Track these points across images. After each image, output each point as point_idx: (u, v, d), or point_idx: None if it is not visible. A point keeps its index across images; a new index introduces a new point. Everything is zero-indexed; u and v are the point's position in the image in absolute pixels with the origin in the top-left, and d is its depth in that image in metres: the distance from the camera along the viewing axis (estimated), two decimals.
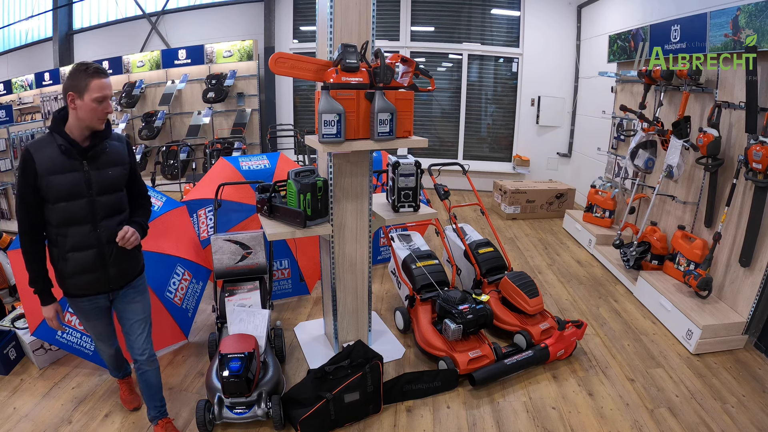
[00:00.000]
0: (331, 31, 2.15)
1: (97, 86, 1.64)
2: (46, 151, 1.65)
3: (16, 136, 4.61)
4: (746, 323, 2.84)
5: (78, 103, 1.64)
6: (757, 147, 2.63)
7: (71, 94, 1.63)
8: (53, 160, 1.65)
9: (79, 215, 1.71)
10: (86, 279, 1.80)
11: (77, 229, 1.72)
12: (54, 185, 1.65)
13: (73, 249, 1.74)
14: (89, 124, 1.68)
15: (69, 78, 1.64)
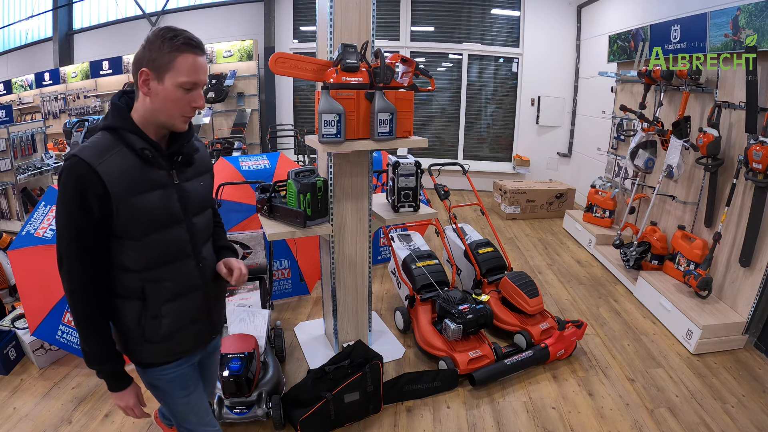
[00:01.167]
0: (331, 31, 2.15)
1: (186, 65, 1.11)
2: (115, 161, 1.11)
3: (16, 136, 4.61)
4: (746, 323, 2.84)
5: (154, 87, 1.12)
6: (757, 147, 2.63)
7: (145, 71, 1.11)
8: (132, 173, 1.13)
9: (178, 248, 1.25)
10: (189, 335, 1.33)
11: (178, 268, 1.25)
12: (141, 210, 1.14)
13: (173, 297, 1.25)
14: (167, 121, 1.17)
15: (146, 47, 1.10)
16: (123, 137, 1.14)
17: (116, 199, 1.11)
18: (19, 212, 4.69)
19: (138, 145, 1.14)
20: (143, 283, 1.21)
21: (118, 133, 1.14)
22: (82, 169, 1.08)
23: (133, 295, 1.21)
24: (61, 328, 2.38)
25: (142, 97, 1.15)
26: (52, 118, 8.09)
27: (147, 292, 1.21)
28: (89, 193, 1.09)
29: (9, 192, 4.68)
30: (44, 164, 4.95)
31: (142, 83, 1.12)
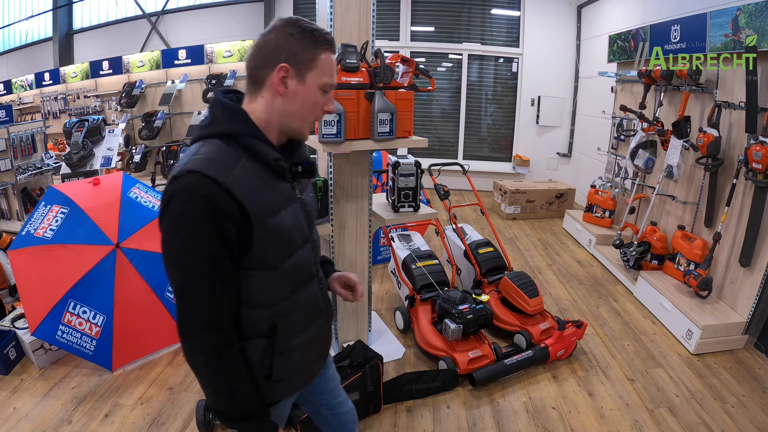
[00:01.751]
0: (331, 31, 2.15)
1: (329, 64, 0.99)
2: (246, 176, 0.91)
3: (16, 136, 4.61)
4: (746, 323, 2.84)
5: (292, 87, 0.95)
6: (757, 147, 2.63)
7: (286, 67, 0.94)
8: (265, 190, 0.94)
9: (306, 271, 1.08)
10: (314, 365, 1.19)
11: (304, 294, 1.07)
12: (280, 233, 0.97)
13: (302, 330, 1.07)
14: (298, 126, 1.00)
15: (284, 38, 0.96)
16: (247, 146, 0.93)
17: (256, 223, 0.91)
18: (19, 212, 4.68)
19: (270, 156, 0.94)
20: (274, 319, 1.00)
21: (237, 141, 0.93)
22: (211, 189, 0.86)
23: (260, 334, 1.00)
24: (61, 328, 2.38)
25: (271, 97, 0.95)
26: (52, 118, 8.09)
27: (278, 328, 1.01)
28: (225, 218, 0.88)
29: (9, 192, 4.68)
30: (44, 164, 4.94)
31: (279, 81, 0.94)
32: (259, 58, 0.95)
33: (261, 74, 0.95)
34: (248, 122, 0.95)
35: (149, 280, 2.64)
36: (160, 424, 2.17)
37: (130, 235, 2.66)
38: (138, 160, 6.91)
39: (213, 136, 0.94)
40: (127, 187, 2.91)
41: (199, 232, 0.88)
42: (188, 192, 0.87)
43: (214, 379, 0.95)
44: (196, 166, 0.88)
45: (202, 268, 0.90)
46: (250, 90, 0.98)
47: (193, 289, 0.91)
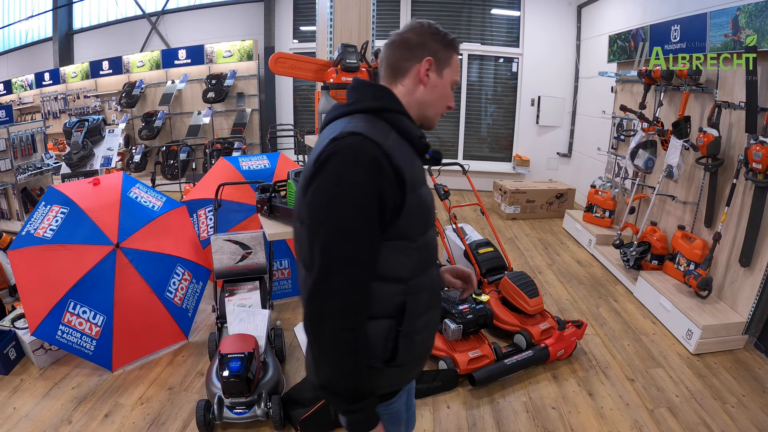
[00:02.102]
0: (331, 31, 2.15)
1: (457, 64, 1.10)
2: (396, 146, 0.95)
3: (16, 136, 4.61)
4: (746, 323, 2.84)
5: (433, 79, 1.05)
6: (757, 147, 2.63)
7: (431, 60, 1.04)
8: (412, 162, 0.99)
9: (434, 251, 1.10)
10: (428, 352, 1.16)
11: (432, 274, 1.08)
12: (423, 205, 1.00)
13: (426, 310, 1.06)
14: (432, 116, 1.09)
15: (427, 36, 1.07)
16: (394, 121, 0.99)
17: (409, 190, 0.93)
18: (19, 212, 4.68)
19: (416, 133, 1.01)
20: (405, 296, 0.99)
21: (385, 118, 0.98)
22: (375, 151, 0.89)
23: (387, 312, 0.99)
24: (61, 328, 2.38)
25: (413, 85, 1.04)
26: (52, 118, 8.09)
27: (407, 306, 0.99)
28: (384, 181, 0.89)
29: (9, 192, 4.68)
30: (44, 164, 4.94)
31: (424, 72, 1.04)
32: (403, 51, 1.05)
33: (405, 65, 1.05)
34: (397, 100, 1.03)
35: (149, 280, 2.64)
36: (160, 424, 2.17)
37: (130, 235, 2.66)
38: (138, 160, 6.91)
39: (360, 112, 0.99)
40: (127, 187, 2.91)
41: (360, 191, 0.88)
42: (353, 151, 0.89)
43: (338, 349, 0.91)
44: (357, 129, 0.92)
45: (355, 227, 0.89)
46: (389, 79, 1.07)
47: (341, 246, 0.89)
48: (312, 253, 0.92)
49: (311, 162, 0.94)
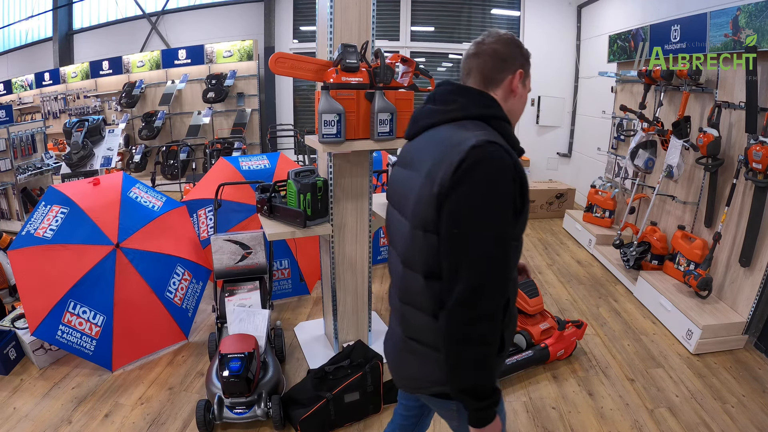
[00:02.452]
0: (331, 31, 2.15)
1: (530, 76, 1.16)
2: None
3: (16, 136, 4.61)
4: (746, 323, 2.84)
5: (521, 89, 1.11)
6: (757, 147, 2.63)
7: (521, 72, 1.10)
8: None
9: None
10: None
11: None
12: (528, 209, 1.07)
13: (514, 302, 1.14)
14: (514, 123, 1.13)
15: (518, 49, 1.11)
16: (502, 130, 1.03)
17: (527, 196, 1.01)
18: (19, 212, 4.69)
19: (518, 141, 1.05)
20: (509, 291, 1.04)
21: (493, 125, 1.02)
22: (509, 159, 0.94)
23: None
24: (61, 328, 2.38)
25: (505, 95, 1.09)
26: (52, 118, 8.09)
27: (510, 299, 1.06)
28: (516, 187, 0.95)
29: (9, 192, 4.68)
30: (44, 164, 4.95)
31: (516, 83, 1.09)
32: (497, 62, 1.07)
33: (499, 76, 1.08)
34: (501, 109, 1.06)
35: (149, 280, 2.64)
36: (160, 424, 2.17)
37: (130, 235, 2.66)
38: (138, 160, 6.92)
39: (470, 118, 1.03)
40: (127, 187, 2.92)
41: (506, 198, 0.93)
42: (497, 159, 0.93)
43: (487, 350, 0.95)
44: (491, 138, 0.95)
45: (505, 232, 0.95)
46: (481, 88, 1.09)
47: (496, 253, 0.93)
48: (456, 259, 0.94)
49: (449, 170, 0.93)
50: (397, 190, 1.13)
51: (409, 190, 1.04)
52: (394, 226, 1.14)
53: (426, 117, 1.08)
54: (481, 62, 1.08)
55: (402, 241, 1.08)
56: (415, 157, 1.06)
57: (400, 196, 1.10)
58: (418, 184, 1.00)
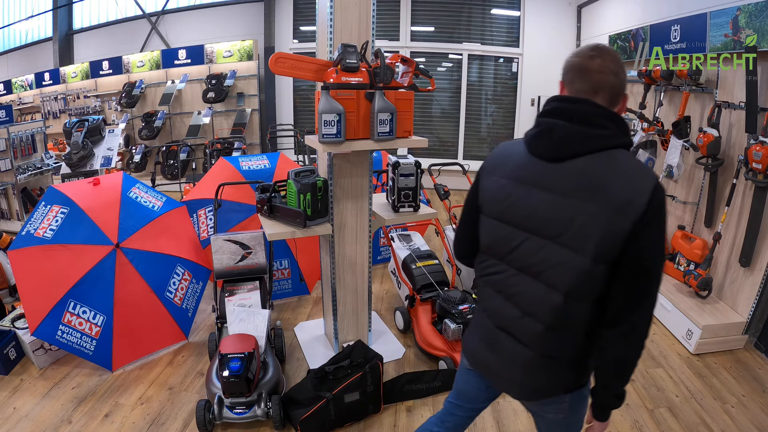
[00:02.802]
0: (331, 31, 2.15)
1: None
2: None
3: (16, 136, 4.61)
4: (746, 323, 2.84)
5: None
6: (757, 147, 2.63)
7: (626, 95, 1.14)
8: None
9: None
10: None
11: None
12: None
13: None
14: None
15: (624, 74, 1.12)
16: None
17: None
18: (19, 212, 4.69)
19: None
20: None
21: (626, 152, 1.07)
22: None
23: None
24: (61, 328, 2.38)
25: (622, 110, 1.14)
26: (52, 118, 8.09)
27: None
28: None
29: (9, 192, 4.68)
30: (44, 164, 4.95)
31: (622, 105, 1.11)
32: (622, 83, 1.08)
33: (620, 97, 1.09)
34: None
35: (149, 280, 2.64)
36: (160, 424, 2.17)
37: (130, 235, 2.66)
38: (138, 160, 6.92)
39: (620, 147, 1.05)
40: (127, 187, 2.92)
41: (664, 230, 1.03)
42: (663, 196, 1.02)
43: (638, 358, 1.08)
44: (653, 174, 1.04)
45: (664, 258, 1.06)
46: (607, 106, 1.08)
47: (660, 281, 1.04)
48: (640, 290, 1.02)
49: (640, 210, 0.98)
50: (539, 215, 1.08)
51: (574, 221, 1.02)
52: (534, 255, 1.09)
53: (578, 142, 1.04)
54: (615, 80, 1.07)
55: (562, 273, 1.05)
56: (577, 187, 1.03)
57: (552, 223, 1.06)
58: (604, 218, 0.99)
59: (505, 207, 1.14)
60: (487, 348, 1.25)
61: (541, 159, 1.10)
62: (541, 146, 1.11)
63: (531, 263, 1.10)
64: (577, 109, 1.06)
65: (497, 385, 1.31)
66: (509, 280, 1.16)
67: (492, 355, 1.24)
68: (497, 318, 1.21)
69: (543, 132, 1.11)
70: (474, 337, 1.30)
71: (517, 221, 1.12)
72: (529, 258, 1.10)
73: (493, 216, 1.17)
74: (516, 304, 1.15)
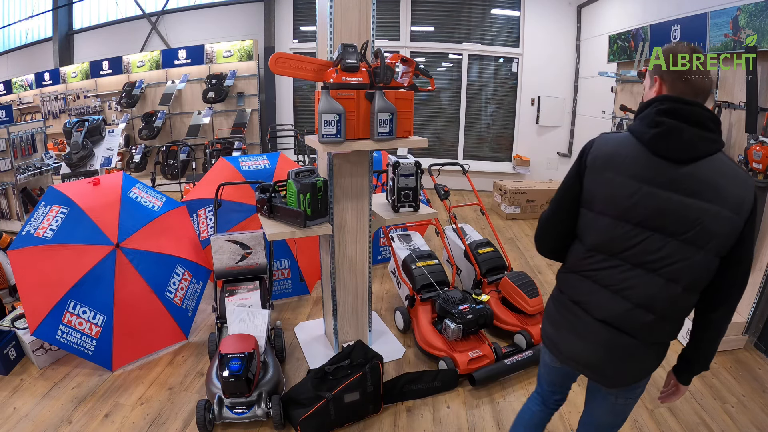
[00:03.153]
0: (331, 31, 2.15)
1: None
2: None
3: (16, 136, 4.61)
4: (746, 323, 2.84)
5: None
6: (757, 147, 2.63)
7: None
8: None
9: None
10: None
11: None
12: None
13: None
14: None
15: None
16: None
17: None
18: (19, 212, 4.69)
19: None
20: None
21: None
22: None
23: None
24: (61, 328, 2.38)
25: None
26: (52, 118, 8.09)
27: None
28: None
29: (9, 192, 4.68)
30: (44, 164, 4.94)
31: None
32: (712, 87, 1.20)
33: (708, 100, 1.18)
34: None
35: (149, 280, 2.64)
36: (160, 424, 2.17)
37: (130, 235, 2.66)
38: (138, 160, 6.92)
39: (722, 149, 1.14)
40: (127, 187, 2.92)
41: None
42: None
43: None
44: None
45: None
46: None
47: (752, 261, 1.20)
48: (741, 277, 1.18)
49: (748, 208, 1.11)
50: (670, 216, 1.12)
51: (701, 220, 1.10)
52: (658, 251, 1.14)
53: (701, 145, 1.10)
54: (708, 84, 1.15)
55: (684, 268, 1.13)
56: (705, 189, 1.09)
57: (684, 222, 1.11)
58: (725, 218, 1.09)
59: (628, 206, 1.15)
60: (576, 337, 1.29)
61: (664, 159, 1.12)
62: (669, 147, 1.11)
63: (651, 259, 1.15)
64: (693, 111, 1.10)
65: (589, 375, 1.34)
66: (622, 275, 1.19)
67: (582, 345, 1.28)
68: (599, 311, 1.24)
69: (670, 133, 1.10)
70: (565, 335, 1.33)
71: (639, 220, 1.14)
72: (649, 255, 1.15)
73: (608, 214, 1.18)
74: (626, 297, 1.19)
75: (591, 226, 1.22)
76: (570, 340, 1.31)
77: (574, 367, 1.35)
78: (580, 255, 1.27)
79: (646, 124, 1.14)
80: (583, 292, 1.27)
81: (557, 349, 1.36)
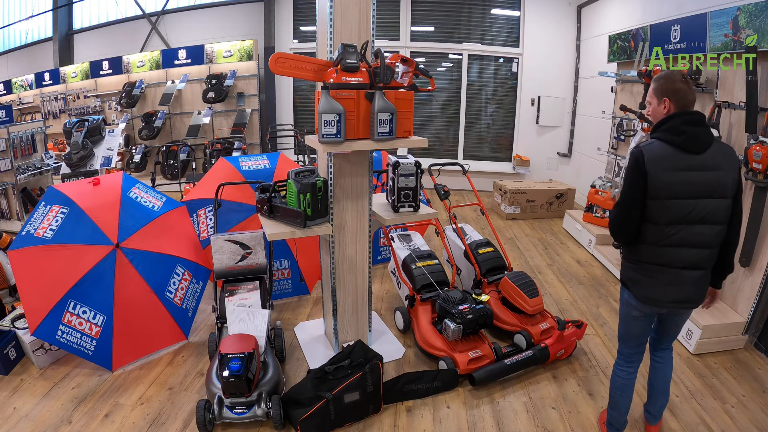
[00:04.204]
0: (331, 31, 2.15)
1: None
2: None
3: (16, 136, 4.61)
4: (746, 323, 2.84)
5: None
6: (757, 147, 2.63)
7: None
8: None
9: None
10: None
11: None
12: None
13: None
14: None
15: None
16: None
17: None
18: (19, 212, 4.69)
19: None
20: None
21: None
22: None
23: None
24: (61, 328, 2.38)
25: None
26: (52, 118, 8.09)
27: None
28: None
29: (9, 192, 4.68)
30: (44, 164, 4.94)
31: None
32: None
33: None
34: None
35: (149, 280, 2.64)
36: (160, 424, 2.17)
37: (130, 235, 2.66)
38: (138, 160, 6.92)
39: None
40: (127, 187, 2.92)
41: None
42: None
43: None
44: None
45: None
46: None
47: None
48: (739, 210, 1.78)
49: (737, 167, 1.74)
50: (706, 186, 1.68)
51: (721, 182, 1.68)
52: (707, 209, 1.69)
53: (708, 137, 1.68)
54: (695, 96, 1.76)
55: (720, 213, 1.71)
56: (717, 163, 1.68)
57: (714, 186, 1.68)
58: (730, 177, 1.69)
59: (684, 187, 1.68)
60: (670, 286, 1.78)
61: (691, 153, 1.67)
62: (694, 145, 1.67)
63: (704, 215, 1.69)
64: (699, 118, 1.69)
65: (683, 307, 1.87)
66: (691, 231, 1.71)
67: (676, 289, 1.79)
68: (682, 261, 1.75)
69: (695, 137, 1.67)
70: (655, 287, 1.81)
71: (691, 194, 1.68)
72: (702, 212, 1.69)
73: (673, 196, 1.68)
74: (695, 245, 1.72)
75: (662, 209, 1.70)
76: (668, 290, 1.79)
77: (674, 306, 1.84)
78: (657, 231, 1.73)
79: (673, 133, 1.68)
80: (666, 255, 1.75)
81: (660, 300, 1.81)
